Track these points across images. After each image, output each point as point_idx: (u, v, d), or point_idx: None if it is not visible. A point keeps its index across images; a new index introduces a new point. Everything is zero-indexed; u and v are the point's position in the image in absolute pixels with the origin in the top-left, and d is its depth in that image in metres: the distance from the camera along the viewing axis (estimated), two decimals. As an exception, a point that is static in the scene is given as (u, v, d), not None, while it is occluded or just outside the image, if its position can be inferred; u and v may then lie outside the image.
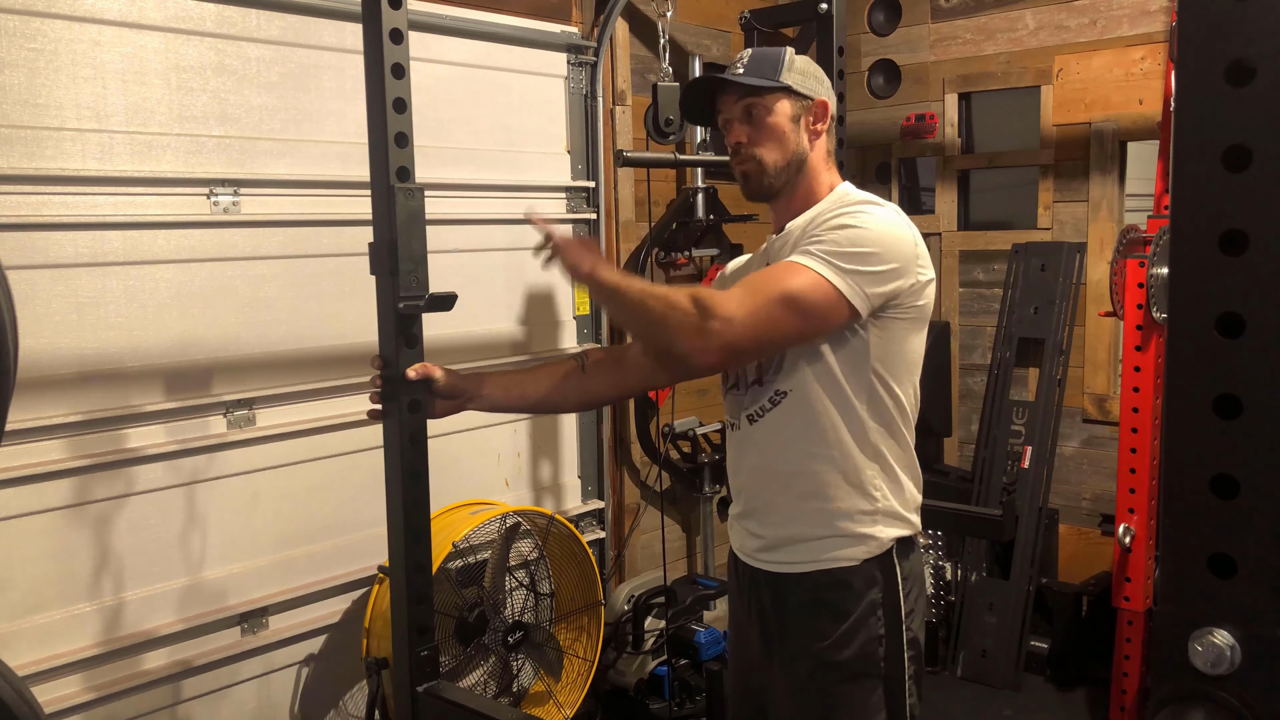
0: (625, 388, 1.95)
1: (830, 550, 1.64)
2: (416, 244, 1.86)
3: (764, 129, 1.69)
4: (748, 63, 1.70)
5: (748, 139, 1.70)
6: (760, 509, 1.72)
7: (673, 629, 3.23)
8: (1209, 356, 0.66)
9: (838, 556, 1.64)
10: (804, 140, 1.71)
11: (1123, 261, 2.93)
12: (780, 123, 1.69)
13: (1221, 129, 0.64)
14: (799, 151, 1.71)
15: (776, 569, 1.70)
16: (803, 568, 1.66)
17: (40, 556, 2.25)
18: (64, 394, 2.27)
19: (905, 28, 4.03)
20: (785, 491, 1.67)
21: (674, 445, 3.64)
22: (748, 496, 1.75)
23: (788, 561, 1.68)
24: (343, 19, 2.69)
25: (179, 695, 2.48)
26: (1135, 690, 3.07)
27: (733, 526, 1.82)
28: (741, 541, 1.78)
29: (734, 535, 1.82)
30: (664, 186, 3.70)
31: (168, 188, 2.41)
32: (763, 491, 1.71)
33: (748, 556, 1.76)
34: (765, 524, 1.71)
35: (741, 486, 1.77)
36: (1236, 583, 0.67)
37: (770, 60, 1.70)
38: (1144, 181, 3.73)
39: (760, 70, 1.69)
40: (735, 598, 1.85)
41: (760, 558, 1.73)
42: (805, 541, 1.66)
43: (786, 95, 1.70)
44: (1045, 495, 3.64)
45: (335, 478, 2.77)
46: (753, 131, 1.69)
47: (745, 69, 1.70)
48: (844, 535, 1.64)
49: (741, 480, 1.76)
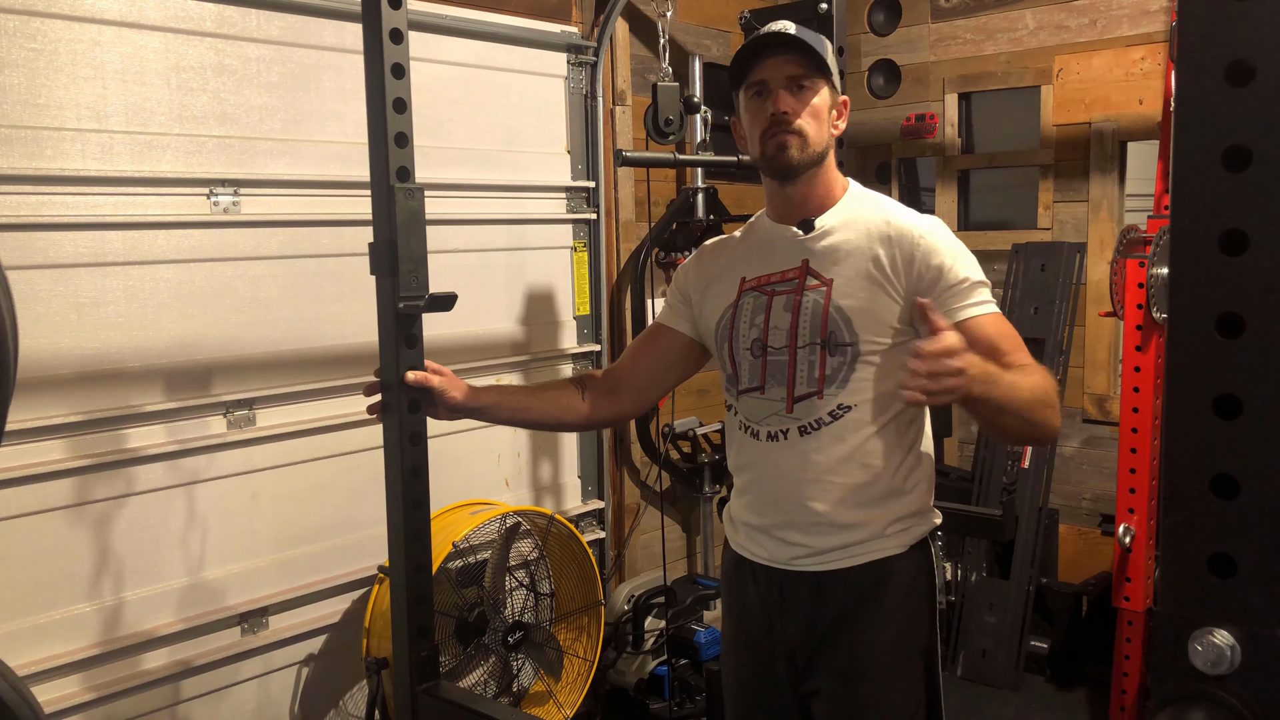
0: (621, 414, 1.94)
1: (879, 545, 1.66)
2: (416, 244, 1.86)
3: (810, 107, 1.64)
4: (797, 31, 1.64)
5: (793, 110, 1.63)
6: (805, 520, 1.66)
7: (673, 629, 3.23)
8: (1209, 356, 0.66)
9: (885, 547, 1.67)
10: (830, 132, 1.69)
11: (1123, 261, 2.93)
12: (823, 108, 1.66)
13: (1221, 129, 0.64)
14: (828, 142, 1.68)
15: (820, 568, 1.68)
16: (851, 563, 1.66)
17: (40, 556, 2.25)
18: (64, 394, 2.26)
19: (905, 28, 4.03)
20: (840, 502, 1.64)
21: (674, 445, 3.64)
22: (788, 508, 1.68)
23: (835, 561, 1.67)
24: (343, 19, 2.69)
25: (179, 695, 2.48)
26: (1135, 690, 3.07)
27: (752, 534, 1.75)
28: (771, 551, 1.71)
29: (755, 542, 1.75)
30: (664, 186, 3.70)
31: (168, 188, 2.41)
32: (813, 502, 1.65)
33: (779, 564, 1.71)
34: (811, 534, 1.66)
35: (779, 496, 1.69)
36: (1236, 583, 0.67)
37: (816, 39, 1.65)
38: (1144, 181, 3.73)
39: (812, 42, 1.64)
40: (745, 598, 1.78)
41: (800, 563, 1.69)
42: (857, 544, 1.66)
43: (828, 82, 1.67)
44: (1045, 495, 3.64)
45: (335, 478, 2.77)
46: (799, 105, 1.63)
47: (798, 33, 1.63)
48: (893, 534, 1.67)
49: (780, 489, 1.69)
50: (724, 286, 1.77)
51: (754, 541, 1.75)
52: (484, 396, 1.84)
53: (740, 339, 1.72)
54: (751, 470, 1.74)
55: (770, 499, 1.71)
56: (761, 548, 1.73)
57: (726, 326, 1.75)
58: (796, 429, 1.66)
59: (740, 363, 1.73)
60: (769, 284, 1.71)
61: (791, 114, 1.63)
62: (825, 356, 1.63)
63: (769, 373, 1.69)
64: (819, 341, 1.64)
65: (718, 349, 1.79)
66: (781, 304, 1.68)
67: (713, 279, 1.80)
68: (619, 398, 1.88)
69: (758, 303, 1.71)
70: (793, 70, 1.63)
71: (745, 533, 1.77)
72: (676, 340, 1.86)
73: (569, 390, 1.89)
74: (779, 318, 1.68)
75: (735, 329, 1.73)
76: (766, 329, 1.69)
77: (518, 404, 1.90)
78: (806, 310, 1.65)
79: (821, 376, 1.63)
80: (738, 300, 1.74)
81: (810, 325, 1.64)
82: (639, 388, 1.89)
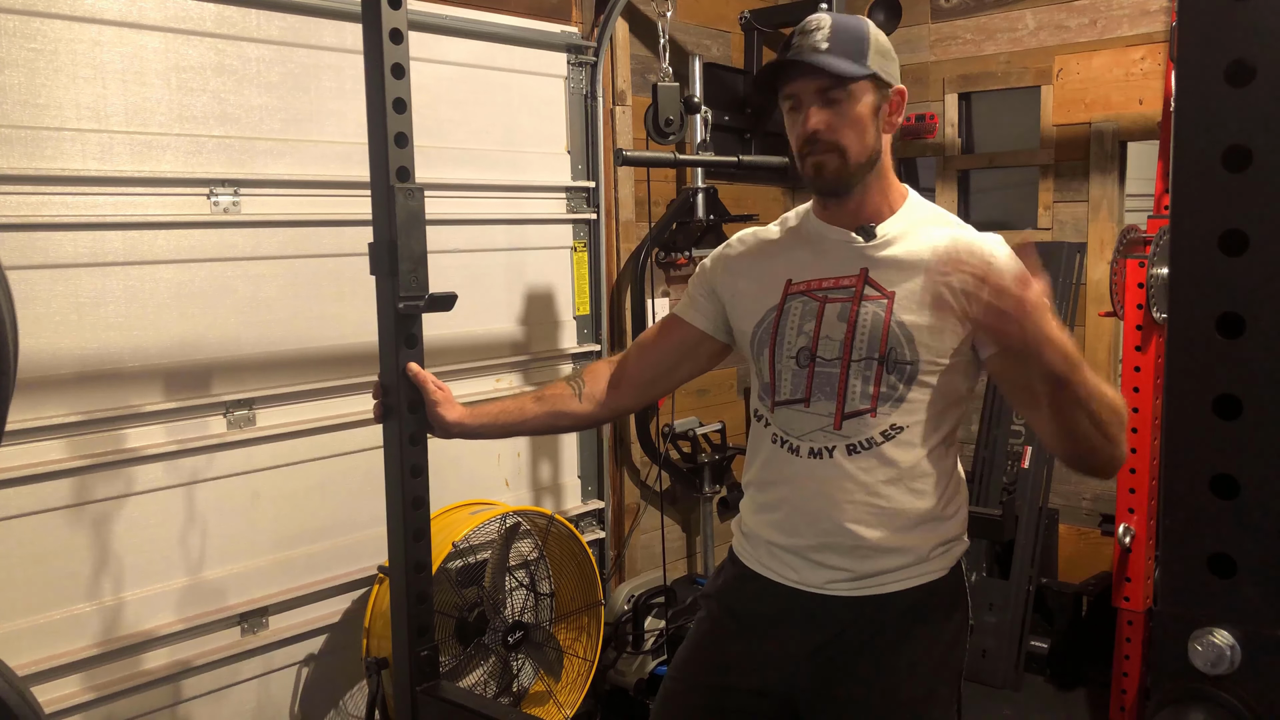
0: (620, 408, 1.87)
1: (923, 570, 1.59)
2: (416, 244, 1.86)
3: (846, 118, 1.52)
4: (831, 38, 1.50)
5: (827, 126, 1.52)
6: (846, 544, 1.56)
7: (673, 629, 3.23)
8: (1209, 356, 0.66)
9: (928, 571, 1.59)
10: (880, 133, 1.57)
11: (1123, 261, 2.93)
12: (864, 114, 1.53)
13: (1221, 129, 0.64)
14: (876, 146, 1.56)
15: (859, 593, 1.58)
16: (895, 588, 1.57)
17: (40, 556, 2.25)
18: (64, 394, 2.26)
19: (905, 28, 4.03)
20: (887, 527, 1.55)
21: (674, 445, 3.63)
22: (827, 529, 1.56)
23: (876, 587, 1.57)
24: (343, 19, 2.68)
25: (179, 695, 2.48)
26: (1135, 690, 3.07)
27: (778, 554, 1.63)
28: (803, 574, 1.60)
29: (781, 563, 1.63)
30: (664, 186, 3.70)
31: (168, 188, 2.41)
32: (856, 525, 1.55)
33: (810, 588, 1.60)
34: (852, 557, 1.56)
35: (817, 517, 1.57)
36: (1236, 583, 0.67)
37: (856, 38, 1.52)
38: (1144, 181, 3.72)
39: (846, 50, 1.51)
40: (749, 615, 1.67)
41: (835, 588, 1.58)
42: (902, 568, 1.57)
43: (871, 82, 1.54)
44: (1045, 495, 3.64)
45: (335, 478, 2.77)
46: (833, 119, 1.52)
47: (830, 47, 1.50)
48: (935, 557, 1.60)
49: (819, 509, 1.57)
50: (764, 287, 1.65)
51: (779, 561, 1.63)
52: (481, 418, 1.84)
53: (785, 346, 1.60)
54: (785, 487, 1.61)
55: (806, 519, 1.58)
56: (790, 569, 1.61)
57: (769, 331, 1.62)
58: (845, 447, 1.55)
59: (781, 372, 1.60)
60: (820, 289, 1.59)
61: (825, 131, 1.52)
62: (882, 373, 1.53)
63: (815, 385, 1.57)
64: (877, 357, 1.53)
65: (754, 354, 1.66)
66: (835, 312, 1.56)
67: (749, 276, 1.69)
68: (620, 391, 1.82)
69: (807, 308, 1.59)
70: (821, 84, 1.52)
71: (769, 551, 1.64)
72: (690, 335, 1.76)
73: (565, 395, 1.83)
74: (832, 327, 1.56)
75: (780, 334, 1.60)
76: (816, 338, 1.57)
77: (512, 420, 1.85)
78: (865, 322, 1.54)
79: (876, 394, 1.53)
80: (783, 304, 1.61)
81: (869, 339, 1.53)
82: (644, 381, 1.82)
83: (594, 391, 1.83)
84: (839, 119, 1.52)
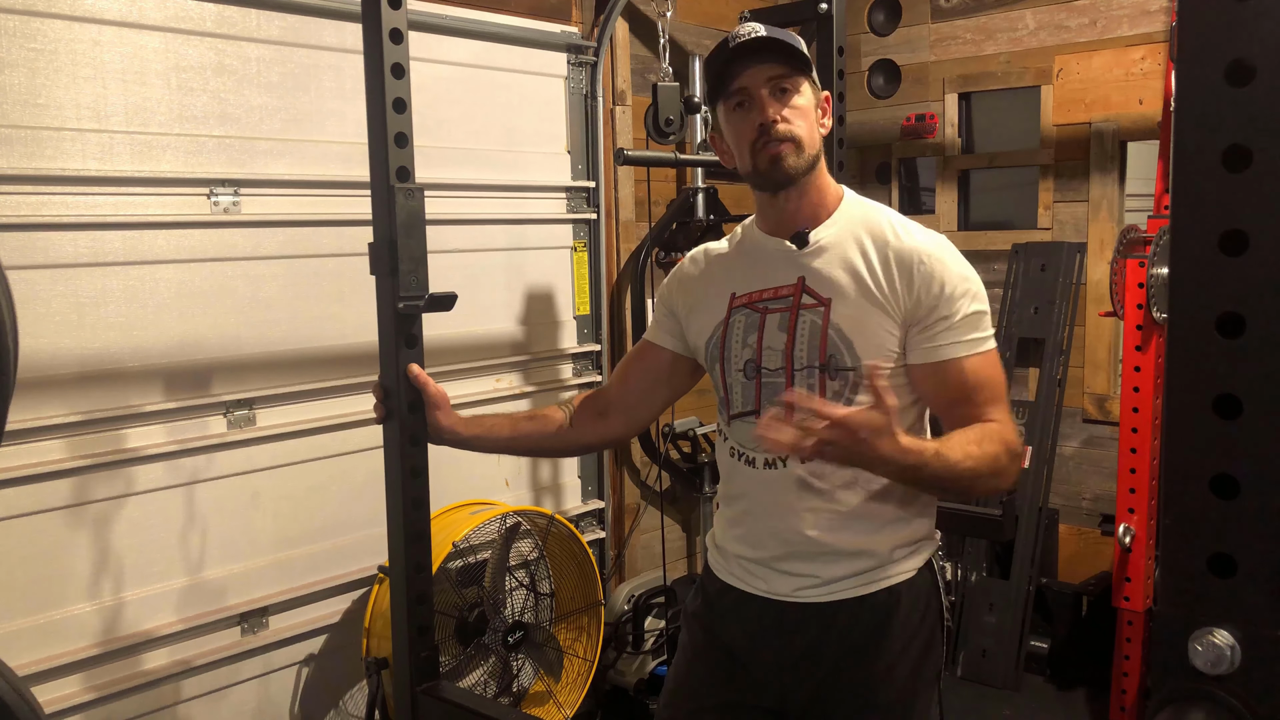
0: (611, 436, 1.88)
1: (889, 571, 1.59)
2: (416, 244, 1.86)
3: (798, 109, 1.54)
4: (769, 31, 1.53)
5: (782, 116, 1.53)
6: (809, 550, 1.58)
7: (673, 629, 3.23)
8: (1209, 356, 0.66)
9: (895, 572, 1.60)
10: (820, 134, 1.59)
11: (1123, 261, 2.93)
12: (810, 108, 1.57)
13: (1221, 129, 0.64)
14: (819, 143, 1.59)
15: (827, 599, 1.59)
16: (861, 591, 1.58)
17: (40, 556, 2.25)
18: (64, 394, 2.27)
19: (905, 28, 4.03)
20: (845, 529, 1.57)
21: (674, 445, 3.64)
22: (788, 539, 1.59)
23: (843, 591, 1.59)
24: (343, 19, 2.69)
25: (179, 695, 2.48)
26: (1135, 690, 3.07)
27: (748, 567, 1.65)
28: (772, 584, 1.62)
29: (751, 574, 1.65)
30: (664, 186, 3.70)
31: (168, 188, 2.41)
32: (815, 531, 1.57)
33: (779, 596, 1.61)
34: (817, 563, 1.58)
35: (777, 528, 1.60)
36: (1236, 583, 0.67)
37: (791, 37, 1.55)
38: (1144, 181, 3.72)
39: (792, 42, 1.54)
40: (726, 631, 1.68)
41: (804, 594, 1.60)
42: (867, 571, 1.58)
43: (809, 80, 1.57)
44: (1045, 495, 3.64)
45: (335, 478, 2.77)
46: (787, 110, 1.54)
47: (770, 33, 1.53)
48: (901, 558, 1.61)
49: (778, 520, 1.59)
50: (712, 302, 1.68)
51: (750, 573, 1.65)
52: (473, 428, 1.86)
53: (732, 359, 1.63)
54: (745, 501, 1.64)
55: (767, 531, 1.61)
56: (760, 580, 1.63)
57: (717, 346, 1.65)
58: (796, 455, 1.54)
59: (732, 385, 1.63)
60: (761, 301, 1.62)
61: (781, 120, 1.53)
62: (825, 380, 1.55)
63: (764, 396, 1.59)
64: (818, 365, 1.55)
65: (710, 370, 1.70)
66: (776, 323, 1.59)
67: (700, 293, 1.71)
68: (609, 419, 1.83)
69: (750, 321, 1.62)
70: (773, 72, 1.54)
71: (739, 564, 1.67)
72: (663, 357, 1.78)
73: (556, 420, 1.84)
74: (773, 338, 1.59)
75: (726, 349, 1.64)
76: (760, 349, 1.60)
77: (503, 436, 1.86)
78: (803, 330, 1.56)
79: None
80: (728, 318, 1.64)
81: (808, 347, 1.56)
82: (629, 408, 1.83)
83: (583, 419, 1.85)
84: (792, 110, 1.54)
